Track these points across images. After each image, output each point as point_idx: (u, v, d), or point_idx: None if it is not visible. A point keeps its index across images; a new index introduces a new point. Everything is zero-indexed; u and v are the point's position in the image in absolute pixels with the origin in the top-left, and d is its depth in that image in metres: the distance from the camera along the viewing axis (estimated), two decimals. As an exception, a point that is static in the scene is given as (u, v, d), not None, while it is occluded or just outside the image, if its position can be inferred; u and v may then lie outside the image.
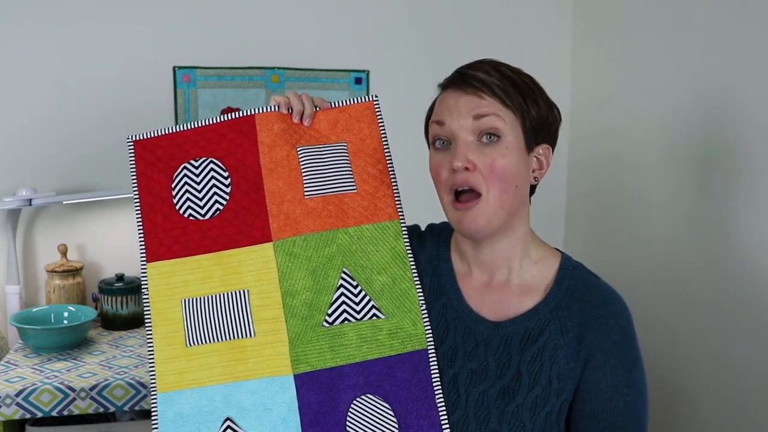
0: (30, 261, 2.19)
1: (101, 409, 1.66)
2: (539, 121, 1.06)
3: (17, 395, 1.61)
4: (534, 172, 1.09)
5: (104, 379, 1.68)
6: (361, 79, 2.35)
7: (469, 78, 1.04)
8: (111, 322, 2.09)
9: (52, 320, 1.98)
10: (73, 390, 1.64)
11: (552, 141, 1.10)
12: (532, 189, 1.13)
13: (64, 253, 2.13)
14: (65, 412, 1.64)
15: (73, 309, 2.01)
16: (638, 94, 2.09)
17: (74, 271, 2.12)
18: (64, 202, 2.06)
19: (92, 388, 1.65)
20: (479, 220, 1.03)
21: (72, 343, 1.89)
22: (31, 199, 2.00)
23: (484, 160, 1.02)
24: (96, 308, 2.10)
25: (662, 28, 1.97)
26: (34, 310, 1.98)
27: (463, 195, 1.05)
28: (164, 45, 2.21)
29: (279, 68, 2.29)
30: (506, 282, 1.11)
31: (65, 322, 1.98)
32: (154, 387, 1.09)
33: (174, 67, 2.22)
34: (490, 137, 1.03)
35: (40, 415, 1.63)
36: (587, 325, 1.04)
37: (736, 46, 1.69)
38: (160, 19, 2.20)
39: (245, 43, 2.26)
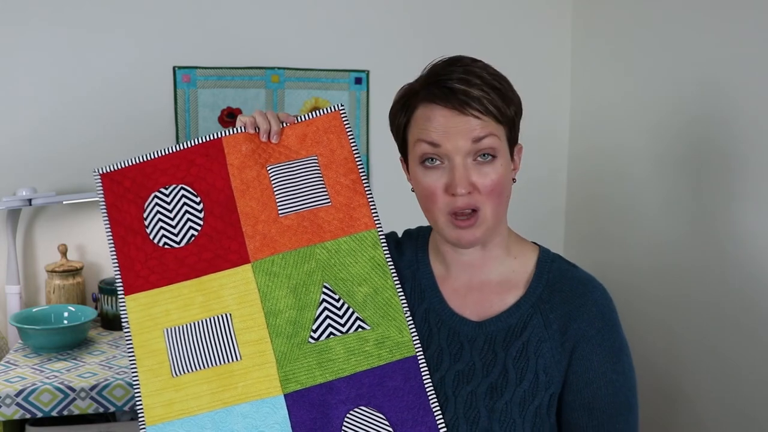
0: (30, 261, 2.19)
1: (101, 409, 1.66)
2: (516, 124, 1.06)
3: (17, 395, 1.62)
4: (512, 173, 1.09)
5: (104, 379, 1.68)
6: (361, 79, 2.35)
7: (457, 94, 1.00)
8: (111, 322, 2.09)
9: (52, 320, 1.98)
10: (73, 390, 1.64)
11: (518, 134, 1.09)
12: None
13: (64, 253, 2.13)
14: (65, 412, 1.64)
15: (73, 309, 2.01)
16: (637, 97, 2.09)
17: (74, 271, 2.12)
18: (64, 202, 2.06)
19: (92, 388, 1.65)
20: (477, 233, 1.04)
21: (72, 343, 1.89)
22: (31, 199, 2.00)
23: (483, 180, 1.01)
24: (96, 308, 2.10)
25: (661, 30, 1.97)
26: (34, 310, 1.98)
27: (461, 214, 1.03)
28: (164, 45, 2.21)
29: (279, 68, 2.29)
30: (487, 280, 1.11)
31: (65, 322, 1.98)
32: (143, 421, 1.07)
33: (174, 67, 2.22)
34: (485, 156, 1.01)
35: (40, 415, 1.63)
36: (569, 315, 1.05)
37: (734, 47, 1.69)
38: (160, 19, 2.20)
39: (245, 43, 2.26)
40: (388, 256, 1.13)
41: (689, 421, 1.86)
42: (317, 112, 1.18)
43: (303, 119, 1.17)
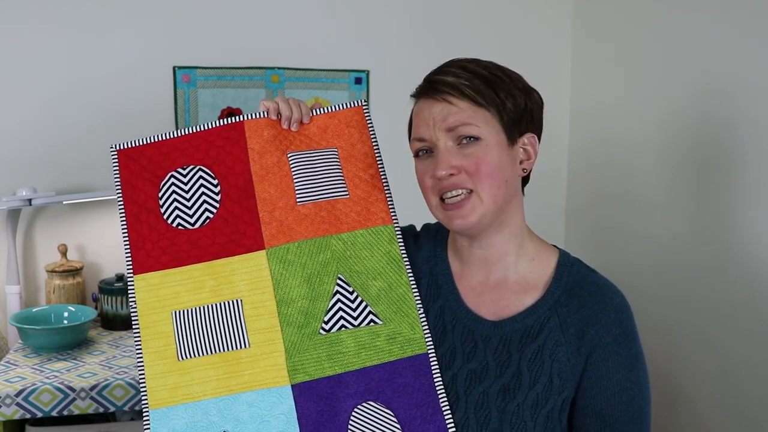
0: (30, 261, 2.19)
1: (101, 409, 1.66)
2: (517, 112, 1.05)
3: (17, 395, 1.61)
4: (522, 164, 1.08)
5: (104, 379, 1.68)
6: (361, 79, 2.35)
7: (437, 84, 1.04)
8: (111, 322, 2.09)
9: (52, 320, 1.98)
10: (73, 390, 1.64)
11: (536, 128, 1.09)
12: (525, 180, 1.13)
13: (64, 253, 2.13)
14: (65, 412, 1.64)
15: (73, 309, 2.01)
16: (637, 96, 2.09)
17: (74, 271, 2.11)
18: (64, 202, 2.06)
19: (92, 388, 1.65)
20: (471, 217, 1.03)
21: (72, 343, 1.89)
22: (31, 199, 2.00)
23: (468, 161, 1.02)
24: (96, 308, 2.10)
25: (661, 30, 1.97)
26: (34, 310, 1.98)
27: (449, 198, 1.04)
28: (164, 45, 2.21)
29: (279, 68, 2.29)
30: (504, 279, 1.10)
31: (65, 322, 1.98)
32: (146, 404, 1.06)
33: (174, 67, 2.22)
34: (468, 139, 1.03)
35: (40, 415, 1.63)
36: (587, 320, 1.04)
37: (735, 47, 1.69)
38: (160, 19, 2.20)
39: (245, 43, 2.26)
40: (404, 252, 1.13)
41: (689, 420, 1.86)
42: (340, 105, 1.19)
43: (325, 111, 1.18)
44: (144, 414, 1.06)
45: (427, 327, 1.09)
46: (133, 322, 1.10)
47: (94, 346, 1.94)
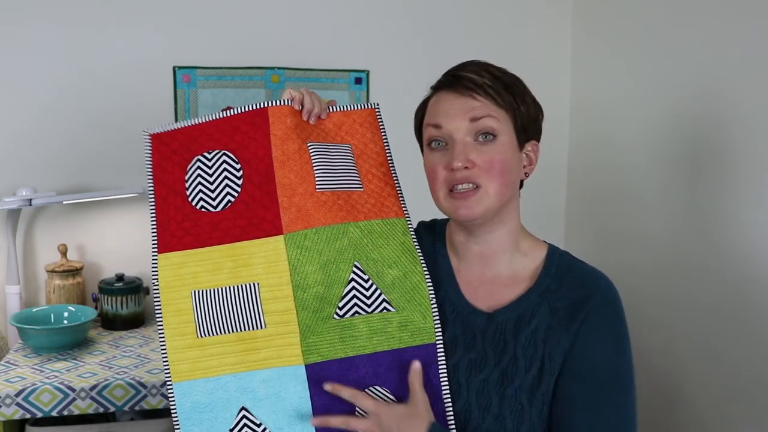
0: (30, 261, 2.19)
1: (101, 409, 1.66)
2: (528, 118, 1.10)
3: (17, 395, 1.61)
4: (525, 168, 1.13)
5: (104, 379, 1.68)
6: (361, 79, 2.35)
7: (462, 80, 1.08)
8: (111, 322, 2.09)
9: (52, 320, 1.98)
10: (73, 390, 1.64)
11: (539, 137, 1.15)
12: (520, 185, 1.17)
13: (64, 253, 2.13)
14: (65, 412, 1.64)
15: (73, 309, 2.01)
16: (637, 96, 2.09)
17: (74, 271, 2.12)
18: (64, 202, 2.06)
19: (92, 388, 1.65)
20: (476, 208, 1.06)
21: (72, 343, 1.89)
22: (31, 199, 2.00)
23: (483, 157, 1.06)
24: (96, 308, 2.10)
25: (660, 30, 1.97)
26: (34, 310, 1.98)
27: (458, 189, 1.07)
28: (164, 45, 2.21)
29: (279, 68, 2.29)
30: (498, 274, 1.14)
31: (65, 322, 1.98)
32: (169, 377, 1.09)
33: (174, 67, 2.22)
34: (486, 136, 1.07)
35: (40, 415, 1.63)
36: (576, 302, 1.09)
37: (733, 47, 1.69)
38: (160, 19, 2.20)
39: (245, 43, 2.26)
40: (417, 244, 1.16)
41: (688, 418, 1.86)
42: (355, 105, 1.23)
43: (340, 109, 1.23)
44: (168, 387, 1.09)
45: (437, 317, 1.12)
46: (154, 299, 1.13)
47: (94, 346, 1.94)
